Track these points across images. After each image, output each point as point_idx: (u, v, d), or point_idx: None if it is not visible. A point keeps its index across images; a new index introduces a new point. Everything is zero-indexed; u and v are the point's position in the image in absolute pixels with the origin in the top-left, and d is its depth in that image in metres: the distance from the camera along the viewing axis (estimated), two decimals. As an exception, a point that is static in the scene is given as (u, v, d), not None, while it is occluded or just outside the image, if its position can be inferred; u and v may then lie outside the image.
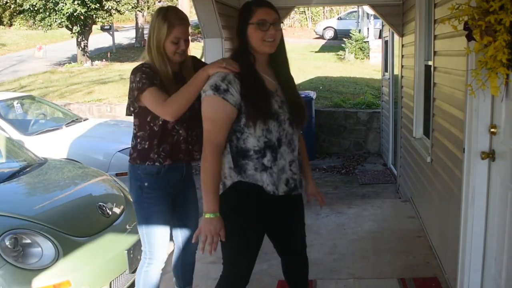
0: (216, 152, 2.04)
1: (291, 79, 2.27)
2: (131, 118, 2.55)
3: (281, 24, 2.18)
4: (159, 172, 2.48)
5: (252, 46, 2.11)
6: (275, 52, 2.15)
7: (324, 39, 20.68)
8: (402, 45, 5.55)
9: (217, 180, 2.04)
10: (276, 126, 2.10)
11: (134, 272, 3.42)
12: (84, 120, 6.71)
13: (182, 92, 2.26)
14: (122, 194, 3.92)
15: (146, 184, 2.48)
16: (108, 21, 16.95)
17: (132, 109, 2.46)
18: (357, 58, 15.53)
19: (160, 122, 2.44)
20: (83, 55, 16.72)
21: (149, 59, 2.43)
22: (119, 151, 5.63)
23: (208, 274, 3.41)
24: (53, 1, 15.22)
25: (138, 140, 2.49)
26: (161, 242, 2.58)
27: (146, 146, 2.47)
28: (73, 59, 17.58)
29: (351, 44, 15.81)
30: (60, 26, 16.23)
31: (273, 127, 2.09)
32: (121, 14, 18.88)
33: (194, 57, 2.67)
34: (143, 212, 2.54)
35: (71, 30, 16.08)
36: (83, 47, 16.68)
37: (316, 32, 21.54)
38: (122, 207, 3.70)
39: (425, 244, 3.88)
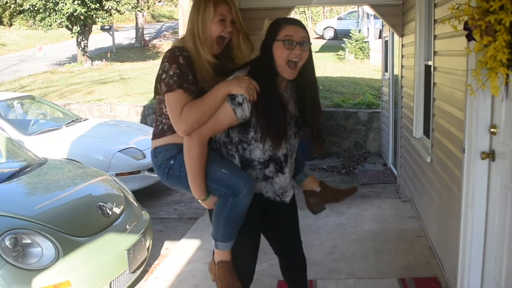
0: (205, 143, 2.06)
1: (316, 102, 2.21)
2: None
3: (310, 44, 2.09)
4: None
5: (276, 63, 2.04)
6: (302, 73, 2.08)
7: (324, 39, 20.67)
8: (402, 45, 5.55)
9: (204, 169, 2.06)
10: (284, 143, 2.12)
11: (134, 272, 3.42)
12: (84, 120, 6.72)
13: (199, 106, 2.05)
14: (122, 194, 3.92)
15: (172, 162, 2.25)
16: (108, 21, 16.93)
17: (158, 97, 2.23)
18: (357, 58, 15.52)
19: None
20: (83, 55, 16.70)
21: (190, 46, 2.13)
22: (119, 151, 5.65)
23: (208, 274, 3.41)
24: (53, 1, 15.21)
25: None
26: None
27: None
28: (73, 59, 17.56)
29: (351, 44, 15.80)
30: (60, 26, 16.22)
31: (281, 143, 2.11)
32: (121, 14, 18.89)
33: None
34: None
35: (71, 30, 16.06)
36: (83, 47, 16.67)
37: (316, 32, 21.53)
38: (122, 207, 3.70)
39: (425, 244, 3.88)
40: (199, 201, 2.17)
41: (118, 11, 17.15)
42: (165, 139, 2.19)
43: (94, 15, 15.97)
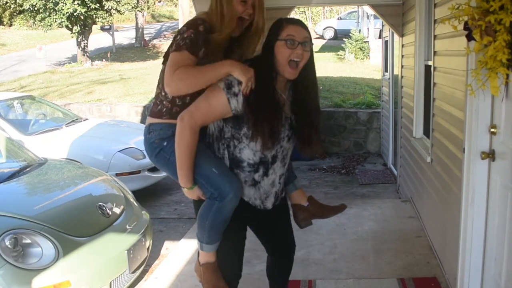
0: (196, 131, 2.04)
1: (316, 104, 2.20)
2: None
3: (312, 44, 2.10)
4: None
5: (277, 63, 2.05)
6: (302, 73, 2.08)
7: (324, 39, 20.67)
8: (402, 45, 5.55)
9: (192, 156, 2.05)
10: (275, 144, 2.11)
11: (134, 272, 3.42)
12: (84, 120, 6.72)
13: (196, 73, 2.02)
14: (122, 194, 3.92)
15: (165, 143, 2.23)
16: (108, 21, 16.93)
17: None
18: (357, 58, 15.52)
19: None
20: (83, 55, 16.71)
21: (211, 18, 2.11)
22: (119, 151, 5.65)
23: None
24: (53, 1, 15.21)
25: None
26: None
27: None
28: (73, 59, 17.57)
29: (351, 44, 15.80)
30: (60, 26, 16.22)
31: None
32: (121, 14, 18.89)
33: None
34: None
35: (71, 30, 16.07)
36: (83, 47, 16.68)
37: (316, 32, 21.52)
38: (122, 207, 3.70)
39: (425, 244, 3.88)
40: (184, 189, 2.13)
41: (118, 11, 17.14)
42: (162, 120, 2.17)
43: (94, 15, 15.97)
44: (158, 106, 2.18)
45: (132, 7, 17.56)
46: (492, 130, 2.46)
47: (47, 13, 15.63)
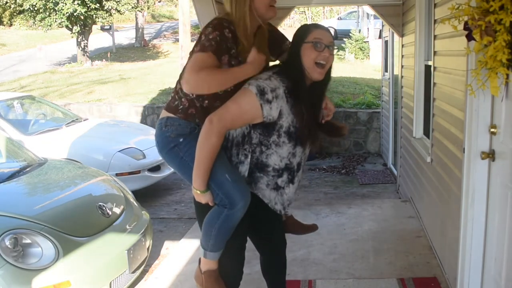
0: (223, 134, 2.01)
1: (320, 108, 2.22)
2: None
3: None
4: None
5: (303, 65, 2.06)
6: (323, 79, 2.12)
7: (324, 39, 20.62)
8: (402, 45, 5.56)
9: (213, 160, 2.01)
10: (301, 152, 2.14)
11: (134, 272, 3.43)
12: (84, 120, 6.72)
13: (221, 77, 2.00)
14: (122, 194, 3.92)
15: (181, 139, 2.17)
16: (108, 21, 16.94)
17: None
18: (357, 58, 15.53)
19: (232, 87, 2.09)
20: (83, 55, 16.71)
21: (236, 16, 2.07)
22: (119, 151, 5.65)
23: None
24: (53, 1, 15.22)
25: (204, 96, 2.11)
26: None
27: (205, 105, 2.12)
28: (73, 59, 17.57)
29: (351, 44, 15.81)
30: (60, 26, 16.22)
31: (299, 152, 2.13)
32: (121, 14, 18.86)
33: (269, 24, 2.29)
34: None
35: (71, 30, 16.07)
36: (83, 47, 16.68)
37: (316, 32, 21.45)
38: (122, 207, 3.70)
39: (425, 244, 3.88)
40: (197, 191, 2.06)
41: (118, 11, 17.13)
42: (177, 115, 2.13)
43: (94, 15, 15.97)
44: (176, 102, 2.14)
45: (132, 7, 17.55)
46: (492, 130, 2.46)
47: (47, 13, 15.64)
